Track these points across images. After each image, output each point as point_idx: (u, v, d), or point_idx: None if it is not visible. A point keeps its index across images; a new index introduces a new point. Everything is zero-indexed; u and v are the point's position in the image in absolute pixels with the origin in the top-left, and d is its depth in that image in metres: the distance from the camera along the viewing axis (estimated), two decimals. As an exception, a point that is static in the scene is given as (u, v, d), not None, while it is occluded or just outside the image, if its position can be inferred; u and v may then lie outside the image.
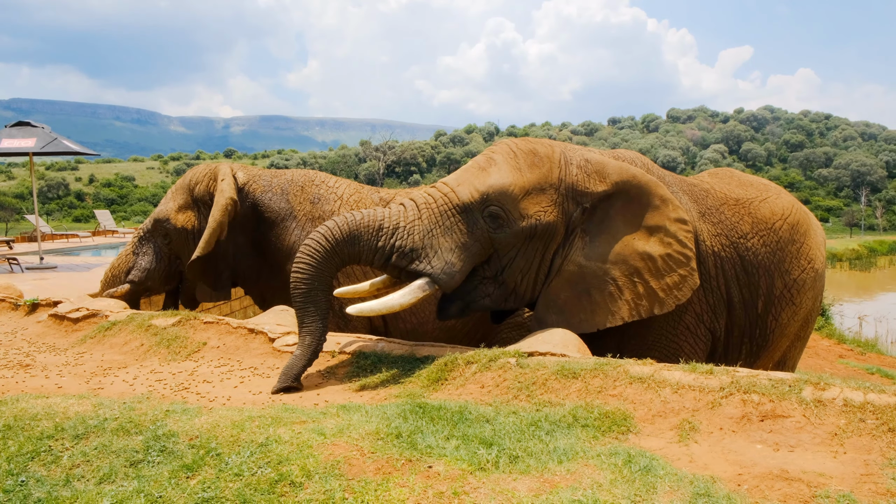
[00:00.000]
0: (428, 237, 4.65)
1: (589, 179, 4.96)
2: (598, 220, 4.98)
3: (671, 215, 4.97)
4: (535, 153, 4.96)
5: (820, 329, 15.42)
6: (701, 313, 5.33)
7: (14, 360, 5.09)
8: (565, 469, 2.78)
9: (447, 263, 4.62)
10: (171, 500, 2.67)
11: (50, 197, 63.20)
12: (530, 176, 4.84)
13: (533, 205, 4.79)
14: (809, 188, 76.63)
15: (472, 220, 4.73)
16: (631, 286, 4.90)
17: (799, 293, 5.62)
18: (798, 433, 3.14)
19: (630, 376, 3.71)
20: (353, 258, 4.62)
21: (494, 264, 4.85)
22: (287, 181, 6.66)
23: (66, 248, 18.33)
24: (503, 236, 4.76)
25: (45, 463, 3.08)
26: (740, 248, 5.46)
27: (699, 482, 2.65)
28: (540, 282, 4.98)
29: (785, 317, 5.63)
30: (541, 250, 4.90)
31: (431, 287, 4.62)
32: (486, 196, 4.74)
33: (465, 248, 4.70)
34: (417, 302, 4.64)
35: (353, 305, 4.62)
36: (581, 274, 4.91)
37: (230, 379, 4.54)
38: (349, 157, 78.59)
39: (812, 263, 5.69)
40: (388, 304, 4.58)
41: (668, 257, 4.92)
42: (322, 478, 2.70)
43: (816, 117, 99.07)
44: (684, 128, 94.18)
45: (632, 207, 4.99)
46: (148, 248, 6.77)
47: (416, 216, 4.71)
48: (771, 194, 5.84)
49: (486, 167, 4.92)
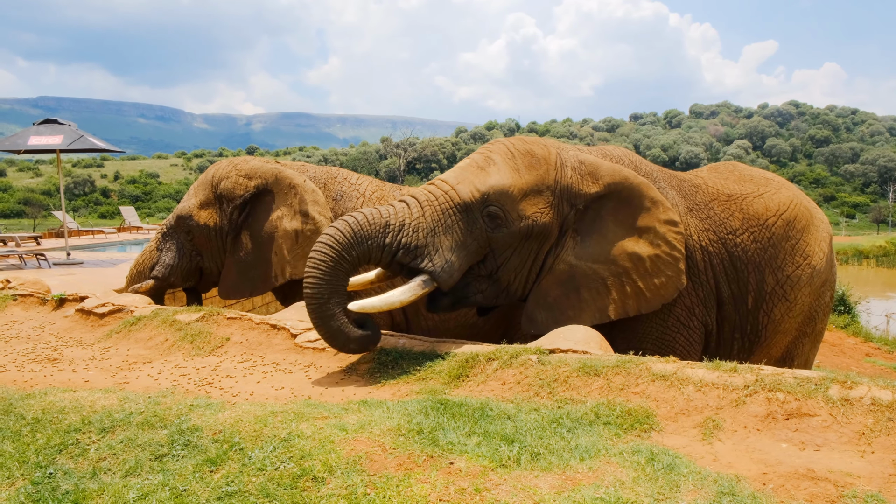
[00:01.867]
0: (431, 235, 4.71)
1: (583, 181, 5.07)
2: (590, 220, 5.10)
3: (661, 217, 5.07)
4: (533, 154, 5.05)
5: (846, 327, 15.21)
6: (692, 306, 5.38)
7: (42, 355, 5.17)
8: (587, 466, 2.77)
9: (447, 262, 4.70)
10: (196, 493, 2.70)
11: (76, 193, 64.15)
12: (528, 177, 4.94)
13: (530, 206, 4.89)
14: (835, 184, 75.52)
15: (471, 219, 4.82)
16: (619, 286, 5.03)
17: (793, 289, 5.57)
18: (824, 432, 3.09)
19: (652, 374, 3.68)
20: (363, 259, 4.61)
21: (490, 263, 4.93)
22: (310, 178, 6.68)
23: (92, 245, 18.58)
24: (500, 236, 4.86)
25: (73, 456, 3.13)
26: (729, 243, 5.49)
27: (723, 481, 2.63)
28: (531, 280, 5.09)
29: (778, 313, 5.59)
30: (535, 250, 5.02)
31: (430, 284, 4.69)
32: (486, 196, 4.82)
33: (464, 246, 4.80)
34: (417, 299, 4.70)
35: (353, 302, 4.59)
36: (571, 273, 5.04)
37: (253, 374, 4.58)
38: (370, 153, 78.80)
39: (809, 260, 5.61)
40: (389, 300, 4.61)
41: (656, 258, 5.03)
42: (344, 473, 2.72)
43: (843, 112, 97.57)
44: (707, 123, 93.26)
45: (623, 209, 5.11)
46: (171, 244, 6.83)
47: (420, 214, 4.75)
48: (769, 189, 5.77)
49: (484, 167, 4.99)
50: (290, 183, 6.49)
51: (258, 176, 6.59)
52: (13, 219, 50.90)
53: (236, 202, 6.55)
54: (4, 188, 61.87)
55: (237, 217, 6.58)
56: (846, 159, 79.67)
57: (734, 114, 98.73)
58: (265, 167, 6.65)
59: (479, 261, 4.91)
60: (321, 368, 4.68)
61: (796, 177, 75.97)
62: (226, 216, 6.61)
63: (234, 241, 6.64)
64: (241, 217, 6.60)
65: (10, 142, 12.74)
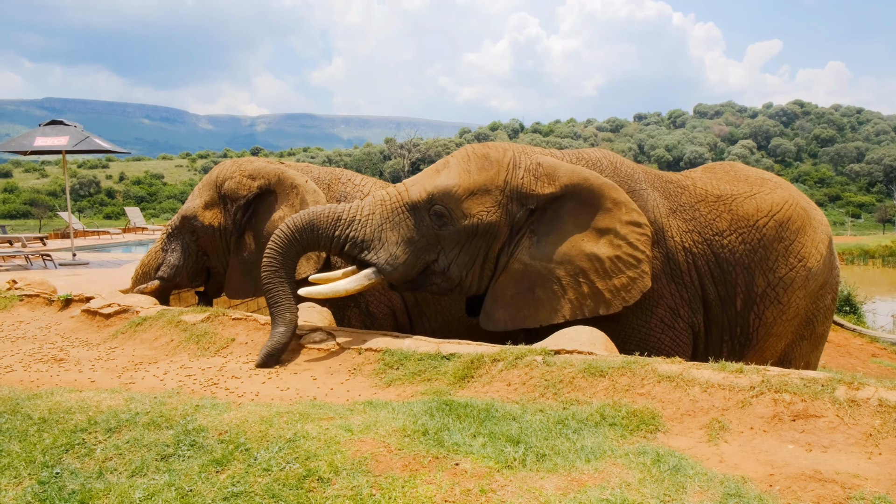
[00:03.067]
0: (378, 231, 5.14)
1: (536, 182, 5.18)
2: (548, 220, 5.19)
3: (623, 218, 5.11)
4: (487, 157, 5.25)
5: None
6: (676, 308, 5.38)
7: (48, 355, 5.19)
8: (593, 468, 2.77)
9: (392, 255, 5.09)
10: (202, 493, 2.70)
11: (82, 194, 64.29)
12: (477, 178, 5.15)
13: (476, 205, 5.10)
14: (840, 184, 75.24)
15: (419, 217, 5.14)
16: (575, 286, 5.09)
17: (786, 292, 5.52)
18: (831, 433, 3.09)
19: (658, 375, 3.68)
20: (311, 245, 5.18)
21: (442, 260, 5.19)
22: (314, 179, 6.69)
23: (97, 245, 18.63)
24: (447, 233, 5.12)
25: (79, 455, 3.14)
26: (715, 244, 5.47)
27: (730, 482, 2.62)
28: (486, 277, 5.27)
29: (770, 315, 5.55)
30: (484, 248, 5.18)
31: (377, 276, 5.11)
32: (432, 196, 5.12)
33: (411, 242, 5.12)
34: (363, 289, 5.15)
35: (302, 288, 5.18)
36: (525, 272, 5.15)
37: (258, 375, 4.58)
38: (374, 154, 78.80)
39: (804, 262, 5.55)
40: (335, 288, 5.13)
41: (616, 259, 5.06)
42: (349, 474, 2.72)
43: (848, 111, 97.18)
44: (711, 123, 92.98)
45: (583, 210, 5.17)
46: (176, 244, 6.84)
47: (370, 211, 5.20)
48: (762, 190, 5.72)
49: (440, 170, 5.31)
50: (292, 183, 6.50)
51: (261, 176, 6.60)
52: (19, 219, 51.04)
53: (240, 202, 6.57)
54: (10, 189, 62.04)
55: (241, 217, 6.59)
56: (851, 159, 79.36)
57: (738, 113, 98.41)
58: (269, 168, 6.66)
59: (433, 259, 5.18)
60: (326, 369, 4.68)
61: (801, 176, 75.71)
62: (230, 216, 6.62)
63: (238, 241, 6.65)
64: (245, 217, 6.61)
65: (16, 143, 12.78)
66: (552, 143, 79.64)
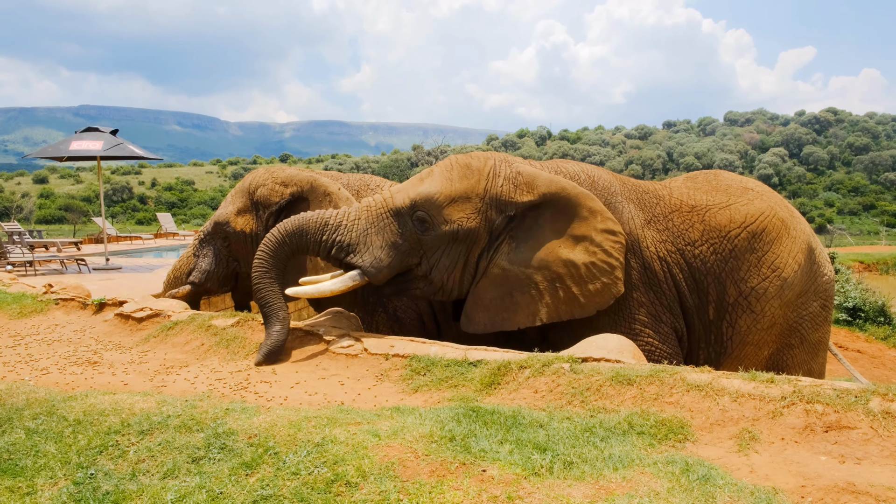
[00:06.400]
0: (363, 235, 5.33)
1: (516, 190, 5.36)
2: (527, 227, 5.39)
3: (598, 226, 5.28)
4: (469, 166, 5.45)
5: (886, 339, 14.83)
6: (658, 314, 5.49)
7: (83, 358, 5.29)
8: (621, 476, 2.75)
9: (376, 259, 5.28)
10: (231, 496, 2.74)
11: (115, 200, 65.50)
12: (458, 186, 5.35)
13: (456, 211, 5.30)
14: (875, 192, 73.74)
15: (402, 222, 5.34)
16: (552, 290, 5.27)
17: (759, 301, 5.55)
18: (865, 445, 3.03)
19: (687, 384, 3.64)
20: (300, 248, 5.37)
21: (424, 264, 5.40)
22: (344, 186, 6.75)
23: (130, 250, 18.96)
24: (429, 238, 5.32)
25: (113, 457, 3.20)
26: (687, 254, 5.57)
27: (760, 493, 2.59)
28: (467, 281, 5.46)
29: (743, 324, 5.58)
30: (464, 253, 5.37)
31: (361, 278, 5.30)
32: (415, 202, 5.33)
33: (395, 246, 5.32)
34: (347, 290, 5.33)
35: (290, 288, 5.40)
36: (504, 276, 5.34)
37: (287, 379, 4.63)
38: (401, 161, 79.16)
39: (778, 272, 5.56)
40: (320, 289, 5.34)
41: (591, 265, 5.23)
42: (377, 479, 2.74)
43: (883, 119, 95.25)
44: (742, 131, 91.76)
45: (560, 217, 5.36)
46: (208, 250, 6.94)
47: (356, 217, 5.40)
48: (739, 201, 5.74)
49: (424, 178, 5.53)
50: (324, 191, 6.56)
51: (294, 183, 6.67)
52: (55, 224, 52.15)
53: (272, 209, 6.64)
54: (47, 195, 63.43)
55: (273, 224, 6.66)
56: (886, 167, 77.76)
57: (770, 121, 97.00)
58: (301, 175, 6.73)
59: (416, 263, 5.38)
60: (354, 374, 4.71)
61: (834, 185, 74.41)
62: (262, 223, 6.70)
63: None
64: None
65: (52, 149, 13.09)
66: (580, 151, 79.24)
